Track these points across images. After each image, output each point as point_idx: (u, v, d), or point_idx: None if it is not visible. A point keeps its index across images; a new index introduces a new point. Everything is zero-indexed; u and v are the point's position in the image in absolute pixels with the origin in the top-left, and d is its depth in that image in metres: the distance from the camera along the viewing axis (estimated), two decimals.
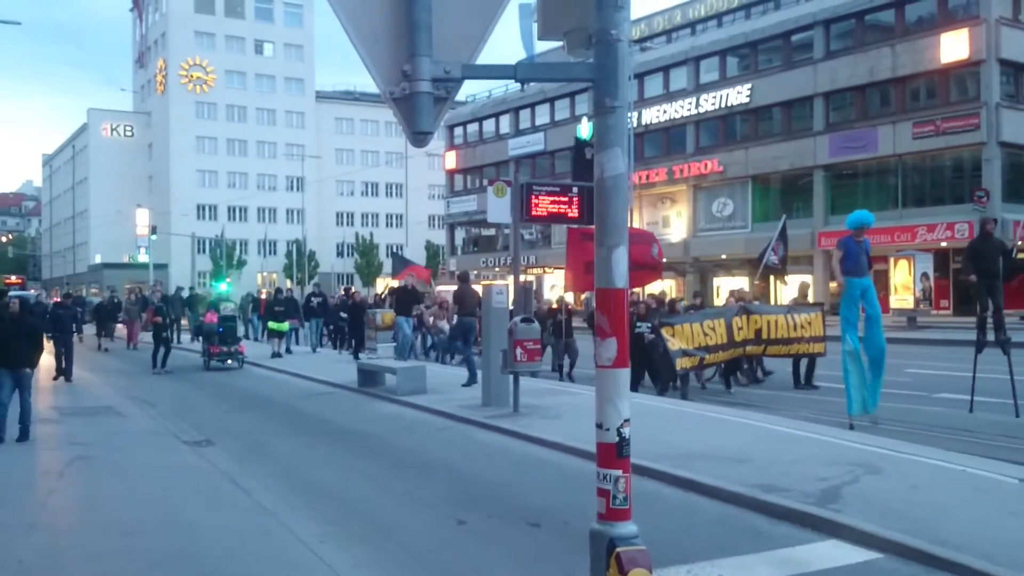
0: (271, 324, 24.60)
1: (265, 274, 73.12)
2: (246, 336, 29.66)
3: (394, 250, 43.34)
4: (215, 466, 9.88)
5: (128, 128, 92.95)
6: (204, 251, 75.91)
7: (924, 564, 5.90)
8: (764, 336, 15.19)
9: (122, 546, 6.82)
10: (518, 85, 56.33)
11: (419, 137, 3.59)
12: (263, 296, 32.20)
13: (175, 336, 26.74)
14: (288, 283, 71.52)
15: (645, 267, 16.11)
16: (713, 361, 15.00)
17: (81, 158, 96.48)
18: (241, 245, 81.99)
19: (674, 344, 13.99)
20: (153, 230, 67.31)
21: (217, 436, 11.82)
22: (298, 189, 77.35)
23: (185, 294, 33.80)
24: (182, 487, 8.90)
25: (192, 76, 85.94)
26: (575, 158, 16.56)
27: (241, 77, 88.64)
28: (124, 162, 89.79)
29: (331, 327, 27.44)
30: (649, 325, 15.30)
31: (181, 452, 10.89)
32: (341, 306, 26.26)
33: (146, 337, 28.26)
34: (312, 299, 27.00)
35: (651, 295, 20.81)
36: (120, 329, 32.67)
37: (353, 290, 29.48)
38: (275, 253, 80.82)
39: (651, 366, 15.57)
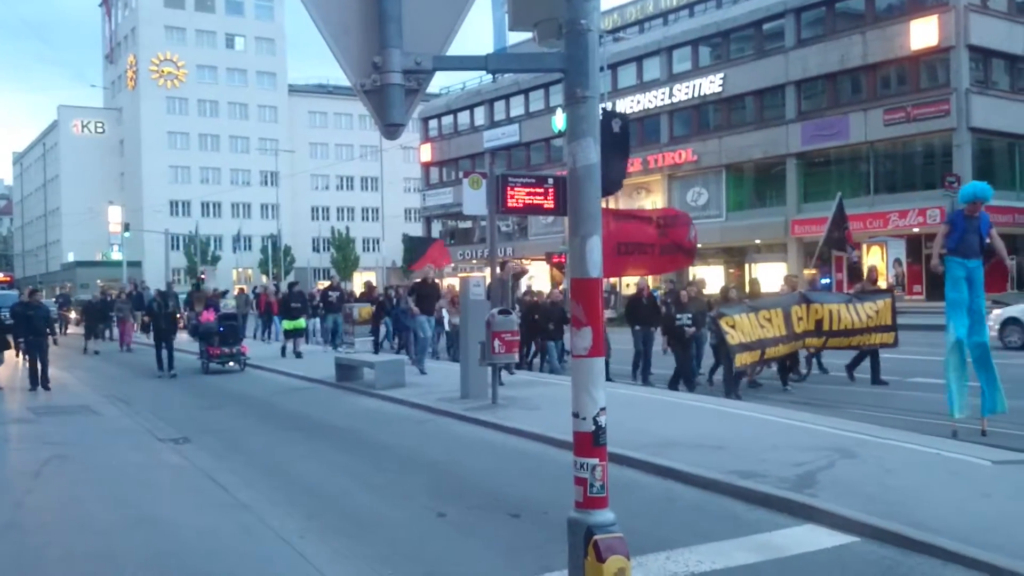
0: (286, 323, 22.56)
1: (240, 270, 72.71)
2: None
3: (411, 236, 40.77)
4: (192, 463, 9.83)
5: (99, 125, 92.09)
6: (178, 248, 75.38)
7: (899, 547, 5.97)
8: (825, 328, 13.86)
9: (100, 545, 6.76)
10: (492, 77, 56.26)
11: (391, 129, 3.59)
12: (263, 292, 29.87)
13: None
14: (264, 278, 71.13)
15: (680, 250, 15.30)
16: (774, 356, 13.53)
17: (52, 155, 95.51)
18: (215, 241, 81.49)
19: (734, 337, 12.65)
20: (126, 227, 66.72)
21: (194, 433, 11.75)
22: (272, 184, 76.88)
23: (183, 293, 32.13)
24: (159, 485, 8.86)
25: (163, 71, 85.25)
26: (602, 127, 16.14)
27: (212, 71, 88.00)
28: (95, 159, 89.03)
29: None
30: (690, 316, 14.32)
31: (158, 450, 10.82)
32: (365, 301, 24.19)
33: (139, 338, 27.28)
34: (330, 293, 24.32)
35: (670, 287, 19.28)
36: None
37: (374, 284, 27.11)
38: (250, 248, 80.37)
39: (687, 364, 14.50)
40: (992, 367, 9.82)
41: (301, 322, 22.33)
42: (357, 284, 39.60)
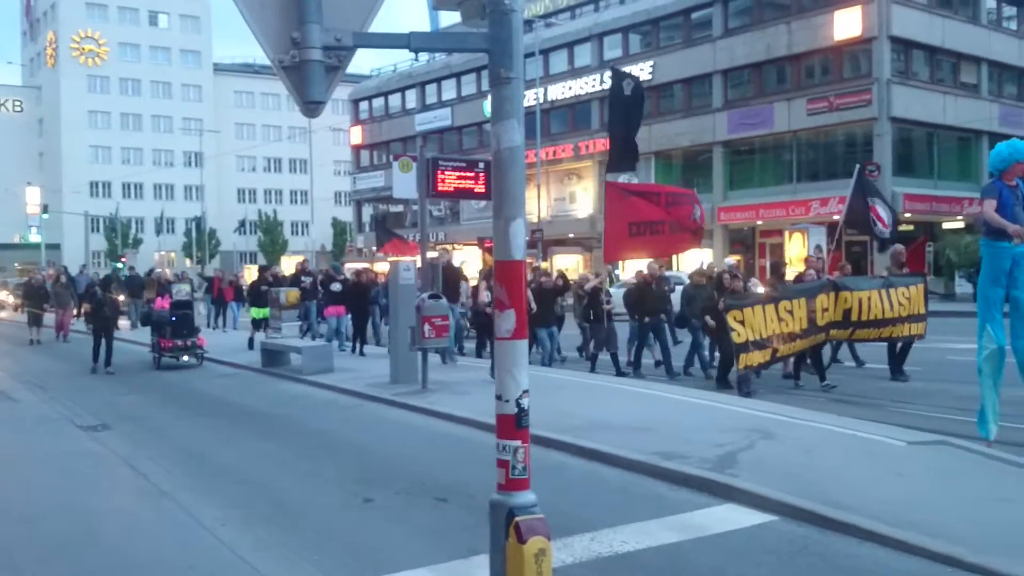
0: (255, 311, 20.54)
1: (163, 253, 71.14)
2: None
3: (382, 215, 38.06)
4: (112, 451, 9.61)
5: (17, 103, 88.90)
6: (98, 230, 73.44)
7: (816, 525, 6.13)
8: (853, 318, 12.30)
9: (18, 533, 6.62)
10: (424, 59, 55.62)
11: (310, 107, 3.53)
12: (216, 275, 27.73)
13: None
14: (188, 262, 69.74)
15: (685, 231, 14.25)
16: (787, 353, 12.01)
17: None
18: (137, 223, 79.62)
19: (741, 335, 11.16)
20: (44, 209, 64.82)
21: (113, 420, 11.48)
22: (196, 165, 75.25)
23: (124, 274, 29.58)
24: (78, 473, 8.63)
25: (84, 49, 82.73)
26: (612, 93, 14.76)
27: (135, 49, 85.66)
28: (13, 138, 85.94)
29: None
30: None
31: (77, 437, 10.55)
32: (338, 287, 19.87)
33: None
34: (303, 279, 21.32)
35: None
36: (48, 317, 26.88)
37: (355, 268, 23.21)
38: (173, 231, 78.70)
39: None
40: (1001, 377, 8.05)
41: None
42: (288, 268, 38.22)
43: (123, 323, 24.65)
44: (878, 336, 12.71)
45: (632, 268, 26.98)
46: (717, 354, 13.89)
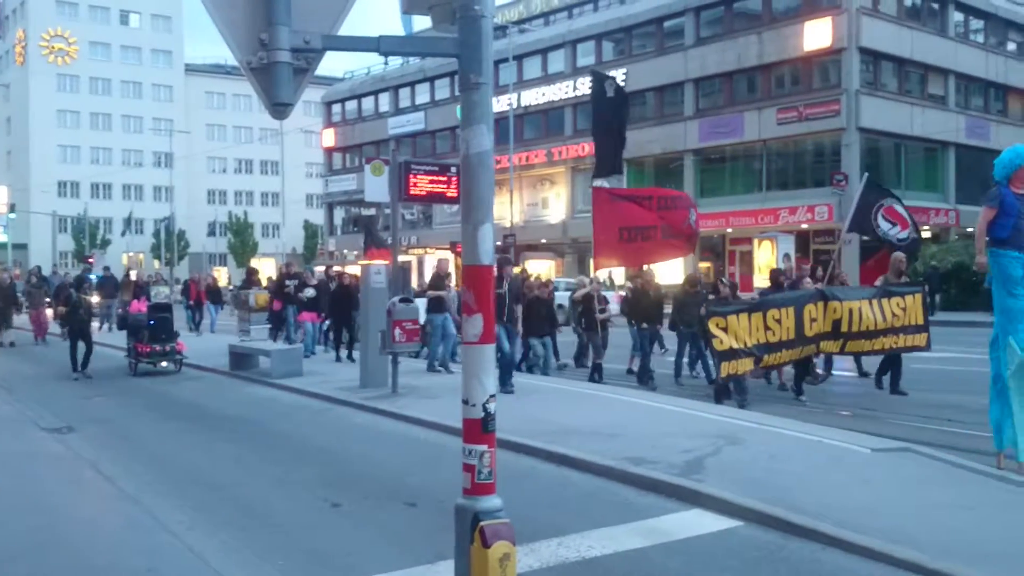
0: None
1: (131, 254, 70.50)
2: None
3: (372, 219, 36.86)
4: (76, 453, 9.49)
5: None
6: (66, 230, 72.60)
7: (781, 531, 6.17)
8: (844, 329, 11.80)
9: None
10: (397, 62, 55.42)
11: (278, 108, 3.52)
12: (192, 279, 27.40)
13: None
14: (156, 263, 69.06)
15: (680, 236, 13.85)
16: (773, 363, 11.71)
17: None
18: (105, 224, 78.79)
19: (723, 342, 10.86)
20: (11, 208, 63.88)
21: (78, 422, 11.33)
22: (166, 165, 74.59)
23: (95, 275, 28.62)
24: (41, 475, 8.52)
25: (53, 47, 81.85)
26: (594, 96, 14.21)
27: (106, 48, 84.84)
28: None
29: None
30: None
31: (40, 439, 10.40)
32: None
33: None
34: (287, 282, 19.79)
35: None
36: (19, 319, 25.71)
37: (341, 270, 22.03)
38: (142, 232, 78.00)
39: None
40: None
41: None
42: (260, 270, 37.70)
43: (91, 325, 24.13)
44: (871, 348, 12.26)
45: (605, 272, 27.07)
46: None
